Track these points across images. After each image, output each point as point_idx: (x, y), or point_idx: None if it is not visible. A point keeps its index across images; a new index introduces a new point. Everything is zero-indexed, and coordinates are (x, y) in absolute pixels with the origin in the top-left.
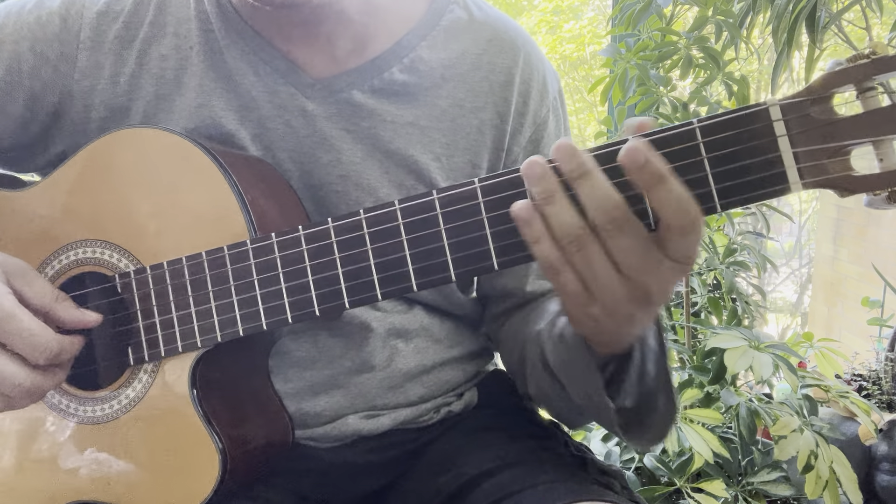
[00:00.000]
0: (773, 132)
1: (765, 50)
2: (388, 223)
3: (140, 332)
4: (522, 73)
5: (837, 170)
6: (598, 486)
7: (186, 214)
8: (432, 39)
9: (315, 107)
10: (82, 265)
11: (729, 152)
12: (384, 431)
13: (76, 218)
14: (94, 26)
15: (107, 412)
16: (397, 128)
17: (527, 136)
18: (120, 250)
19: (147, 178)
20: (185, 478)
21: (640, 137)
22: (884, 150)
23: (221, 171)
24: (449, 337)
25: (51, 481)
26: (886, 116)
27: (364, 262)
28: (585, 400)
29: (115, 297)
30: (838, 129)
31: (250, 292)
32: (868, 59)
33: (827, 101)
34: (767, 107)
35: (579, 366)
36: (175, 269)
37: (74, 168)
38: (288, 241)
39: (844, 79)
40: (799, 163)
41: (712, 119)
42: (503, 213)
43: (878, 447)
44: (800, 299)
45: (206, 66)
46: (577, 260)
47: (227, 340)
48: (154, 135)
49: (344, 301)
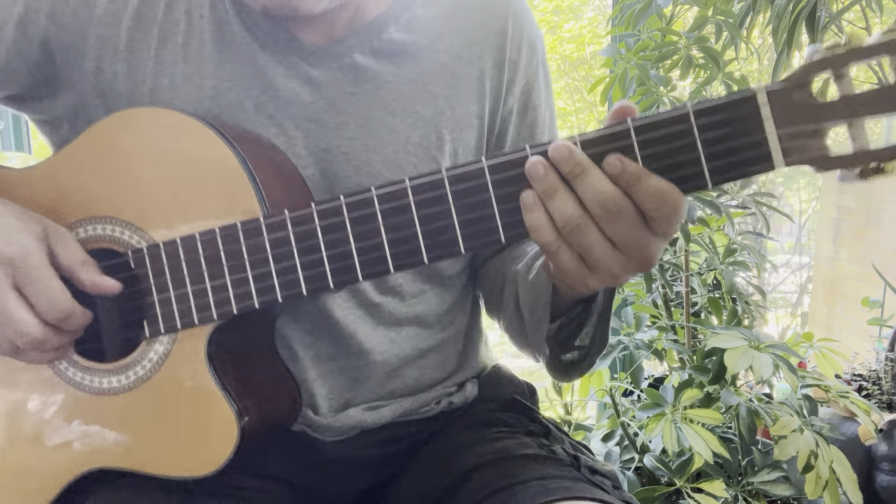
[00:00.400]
0: (759, 115)
1: (765, 50)
2: (398, 200)
3: (155, 305)
4: (515, 25)
5: (816, 148)
6: (589, 484)
7: (197, 191)
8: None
9: (319, 73)
10: (94, 241)
11: (720, 134)
12: (386, 424)
13: (87, 195)
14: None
15: (123, 383)
16: (400, 86)
17: (520, 87)
18: (131, 227)
19: (158, 156)
20: (204, 443)
21: (616, 127)
22: (856, 131)
23: (231, 149)
24: (440, 321)
25: (68, 450)
26: (859, 100)
27: (376, 237)
28: (534, 340)
29: (128, 273)
30: (817, 112)
31: (265, 267)
32: (844, 47)
33: (807, 86)
34: (755, 92)
35: (538, 314)
36: (188, 243)
37: (81, 146)
38: (301, 217)
39: (822, 66)
40: (782, 143)
41: (705, 103)
42: (510, 192)
43: (878, 447)
44: (800, 299)
45: (214, 37)
46: (575, 241)
47: (242, 313)
48: (165, 115)
49: (357, 274)
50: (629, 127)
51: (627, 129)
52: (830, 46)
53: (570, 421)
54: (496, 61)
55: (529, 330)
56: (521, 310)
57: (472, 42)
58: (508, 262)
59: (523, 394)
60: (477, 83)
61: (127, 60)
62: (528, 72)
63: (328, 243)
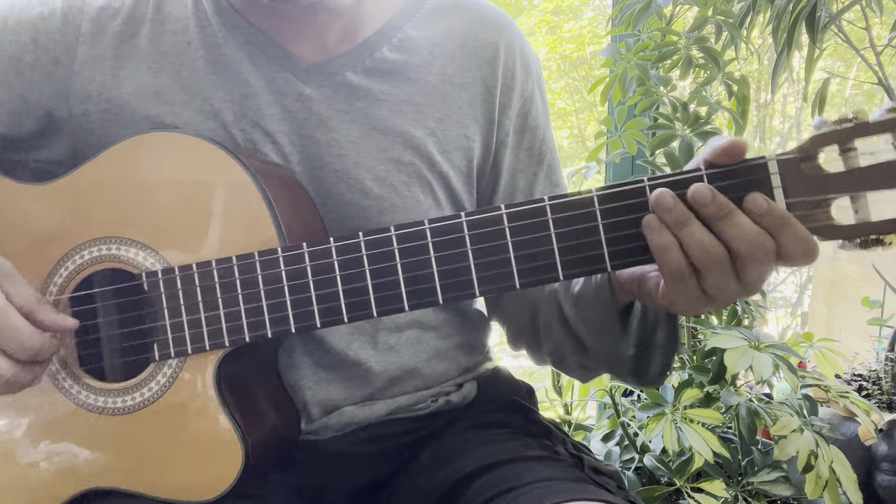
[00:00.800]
0: (770, 184)
1: (765, 50)
2: (417, 241)
3: (167, 329)
4: (507, 50)
5: (821, 218)
6: (593, 485)
7: (215, 219)
8: (418, 20)
9: (311, 90)
10: (106, 261)
11: (731, 199)
12: (380, 420)
13: (100, 215)
14: (95, 20)
15: (129, 404)
16: (392, 105)
17: (515, 110)
18: (146, 248)
19: (175, 180)
20: (208, 468)
21: (654, 182)
22: (859, 203)
23: (252, 179)
24: (441, 327)
25: (70, 468)
26: (864, 175)
27: (393, 275)
28: (606, 349)
29: (141, 295)
30: (823, 184)
31: (280, 298)
32: (851, 122)
33: (814, 158)
34: (766, 161)
35: (605, 319)
36: (205, 271)
37: (98, 166)
38: (319, 252)
39: (830, 140)
40: (790, 211)
41: (718, 168)
42: (528, 238)
43: (878, 447)
44: (800, 299)
45: (205, 61)
46: (705, 270)
47: (254, 341)
48: (185, 140)
49: (372, 310)
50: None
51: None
52: (838, 121)
53: (569, 421)
54: (489, 87)
55: (593, 341)
56: (572, 324)
57: (463, 67)
58: (532, 289)
59: (522, 394)
60: (468, 107)
61: (116, 97)
62: (524, 95)
63: (344, 278)
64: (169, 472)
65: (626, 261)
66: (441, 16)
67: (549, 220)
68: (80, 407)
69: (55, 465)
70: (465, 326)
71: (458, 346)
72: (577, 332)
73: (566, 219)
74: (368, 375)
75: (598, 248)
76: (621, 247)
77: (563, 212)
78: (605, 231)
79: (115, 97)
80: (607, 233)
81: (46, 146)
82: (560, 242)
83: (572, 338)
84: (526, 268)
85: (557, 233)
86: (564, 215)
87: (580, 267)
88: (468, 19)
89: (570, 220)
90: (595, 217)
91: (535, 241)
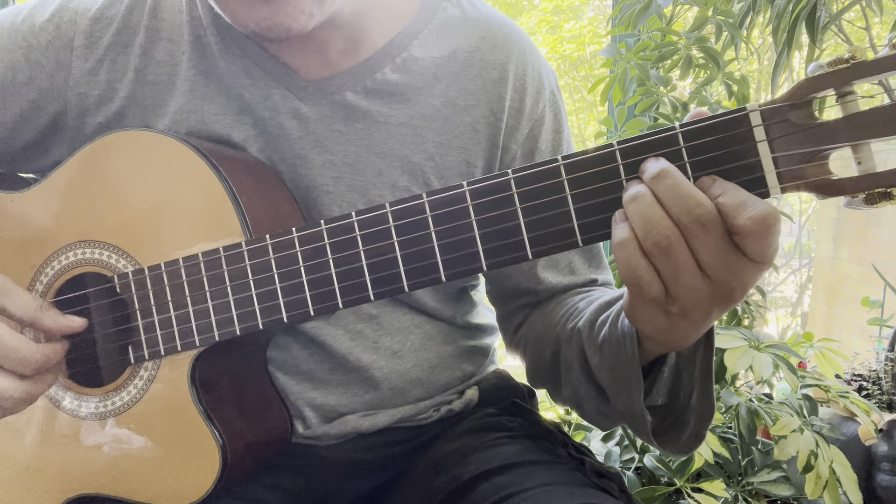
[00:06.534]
0: (752, 137)
1: (765, 50)
2: (379, 225)
3: (140, 331)
4: (517, 70)
5: (816, 173)
6: (596, 489)
7: (182, 216)
8: (424, 38)
9: (308, 109)
10: (82, 265)
11: (710, 157)
12: (383, 429)
13: (74, 219)
14: (88, 33)
15: (109, 408)
16: (390, 128)
17: (524, 133)
18: (118, 251)
19: (142, 179)
20: (186, 471)
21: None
22: (862, 153)
23: (215, 172)
24: (443, 335)
25: (57, 476)
26: (865, 120)
27: (356, 263)
28: (624, 406)
29: (115, 297)
30: (817, 134)
31: (246, 292)
32: (847, 63)
33: (806, 105)
34: (747, 112)
35: (623, 375)
36: (172, 269)
37: (71, 170)
38: (282, 243)
39: (824, 83)
40: (778, 167)
41: (694, 124)
42: (492, 216)
43: (878, 447)
44: (800, 299)
45: (199, 72)
46: (661, 262)
47: (224, 339)
48: (148, 137)
49: (338, 301)
50: (614, 149)
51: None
52: (833, 62)
53: (570, 421)
54: (494, 110)
55: (614, 392)
56: (595, 371)
57: (468, 89)
58: (557, 321)
59: (522, 396)
60: (471, 131)
61: (111, 110)
62: (534, 116)
63: (308, 269)
64: (149, 477)
65: (599, 233)
66: (448, 33)
67: (513, 194)
68: (62, 412)
69: (38, 473)
70: (471, 332)
71: (462, 352)
72: (597, 377)
73: (532, 192)
74: (370, 383)
75: (567, 222)
76: (593, 218)
77: (530, 184)
78: (574, 202)
79: (110, 110)
80: (576, 203)
81: (46, 154)
82: (527, 217)
83: (590, 382)
84: (491, 247)
85: (523, 207)
86: (531, 188)
87: (551, 242)
88: (476, 37)
89: (537, 193)
90: (563, 188)
91: (499, 218)
